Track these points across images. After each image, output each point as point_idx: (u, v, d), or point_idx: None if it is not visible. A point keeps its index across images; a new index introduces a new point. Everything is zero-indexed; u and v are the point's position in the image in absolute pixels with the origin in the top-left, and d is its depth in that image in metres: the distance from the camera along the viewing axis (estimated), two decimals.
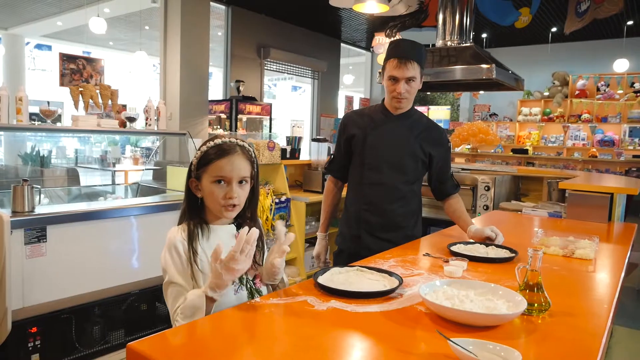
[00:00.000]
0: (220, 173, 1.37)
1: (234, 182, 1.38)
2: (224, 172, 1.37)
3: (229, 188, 1.38)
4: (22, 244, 2.39)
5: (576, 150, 8.72)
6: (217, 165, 1.38)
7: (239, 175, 1.39)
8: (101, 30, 6.58)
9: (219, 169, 1.37)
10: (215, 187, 1.38)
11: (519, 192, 4.39)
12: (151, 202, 3.07)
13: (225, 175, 1.37)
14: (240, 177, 1.40)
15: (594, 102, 8.54)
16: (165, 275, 1.36)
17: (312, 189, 4.41)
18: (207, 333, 1.14)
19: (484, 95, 9.79)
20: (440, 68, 3.92)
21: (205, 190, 1.40)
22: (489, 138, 8.59)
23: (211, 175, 1.38)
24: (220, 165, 1.37)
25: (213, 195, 1.38)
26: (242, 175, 1.40)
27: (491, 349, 0.97)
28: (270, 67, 8.53)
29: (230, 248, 1.34)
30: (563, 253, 1.90)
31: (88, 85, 3.10)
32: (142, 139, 9.75)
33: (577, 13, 4.49)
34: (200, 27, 6.59)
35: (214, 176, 1.38)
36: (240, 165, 1.40)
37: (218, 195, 1.38)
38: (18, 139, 5.76)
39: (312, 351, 1.02)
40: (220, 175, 1.37)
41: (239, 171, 1.39)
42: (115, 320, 2.90)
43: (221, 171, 1.37)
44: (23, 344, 2.48)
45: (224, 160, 1.38)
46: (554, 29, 8.19)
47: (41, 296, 2.50)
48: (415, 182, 2.20)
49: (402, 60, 2.01)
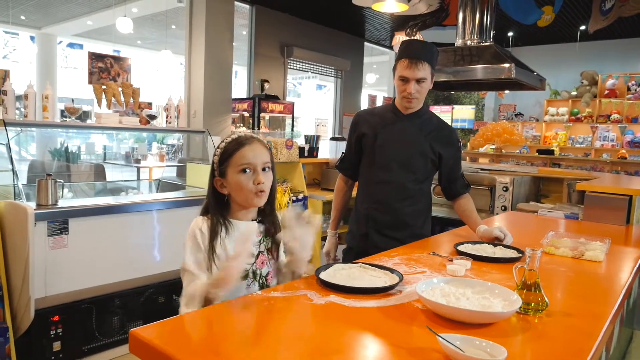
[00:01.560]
0: (244, 161, 1.42)
1: (259, 168, 1.43)
2: (248, 159, 1.42)
3: (255, 174, 1.43)
4: (46, 235, 2.49)
5: (605, 152, 8.51)
6: (240, 155, 1.42)
7: (262, 161, 1.44)
8: (128, 29, 6.74)
9: (242, 158, 1.42)
10: (242, 177, 1.42)
11: (539, 193, 4.33)
12: (169, 197, 3.15)
13: (250, 162, 1.42)
14: (263, 163, 1.44)
15: (624, 102, 8.32)
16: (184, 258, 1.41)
17: (329, 187, 4.44)
18: (208, 322, 1.18)
19: (509, 95, 9.64)
20: (460, 67, 3.90)
21: (231, 183, 1.43)
22: (513, 138, 8.47)
23: (236, 166, 1.42)
24: (243, 153, 1.42)
25: (241, 185, 1.42)
26: (264, 161, 1.45)
27: (477, 344, 0.99)
28: (294, 66, 8.58)
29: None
30: (572, 254, 1.89)
31: (111, 83, 3.20)
32: (168, 136, 9.94)
33: (602, 11, 4.40)
34: (224, 26, 6.68)
35: (239, 165, 1.42)
36: (262, 152, 1.45)
37: (247, 184, 1.42)
38: (47, 135, 5.95)
39: (302, 342, 1.06)
40: (245, 164, 1.42)
41: (262, 157, 1.44)
42: (134, 312, 2.99)
43: (245, 159, 1.42)
44: (45, 332, 2.59)
45: (245, 148, 1.43)
46: (582, 27, 8.01)
47: (63, 286, 2.60)
48: (424, 181, 2.21)
49: (413, 60, 2.02)
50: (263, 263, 1.50)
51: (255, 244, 1.49)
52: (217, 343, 1.06)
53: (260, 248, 1.50)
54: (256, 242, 1.49)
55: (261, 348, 1.03)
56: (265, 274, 1.50)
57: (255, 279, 1.47)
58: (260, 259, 1.49)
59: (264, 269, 1.50)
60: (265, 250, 1.52)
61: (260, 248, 1.50)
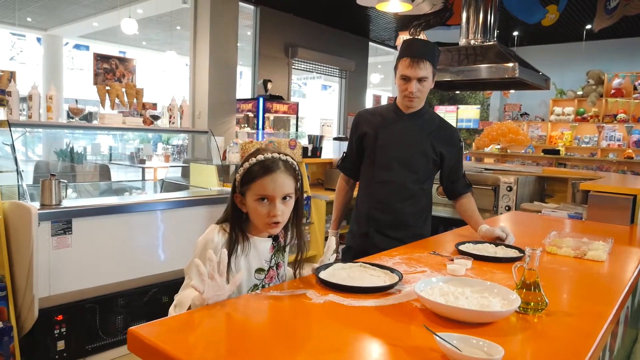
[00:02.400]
0: (263, 192, 1.36)
1: (277, 200, 1.37)
2: (267, 192, 1.36)
3: (272, 206, 1.37)
4: (49, 235, 2.51)
5: (611, 151, 8.45)
6: (260, 184, 1.36)
7: (282, 192, 1.38)
8: (132, 30, 6.77)
9: (262, 188, 1.36)
10: (259, 205, 1.37)
11: (543, 193, 4.31)
12: (173, 197, 3.16)
13: (268, 194, 1.36)
14: (283, 194, 1.38)
15: (630, 101, 8.26)
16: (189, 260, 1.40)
17: (333, 187, 4.43)
18: (206, 321, 1.18)
19: (514, 95, 9.60)
20: (463, 67, 3.89)
21: (249, 207, 1.40)
22: (519, 138, 8.43)
23: (255, 194, 1.37)
24: (264, 184, 1.36)
25: (257, 213, 1.38)
26: (285, 192, 1.38)
27: (474, 343, 0.98)
28: (298, 67, 8.59)
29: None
30: (575, 254, 1.88)
31: (115, 84, 3.22)
32: (173, 137, 9.98)
33: (607, 10, 4.37)
34: (229, 27, 6.69)
35: (257, 194, 1.37)
36: (284, 182, 1.38)
37: (262, 214, 1.37)
38: (52, 136, 5.99)
39: (300, 341, 1.06)
40: (263, 194, 1.36)
41: (282, 188, 1.37)
42: (138, 311, 3.00)
43: (264, 190, 1.36)
44: (49, 331, 2.61)
45: (267, 179, 1.36)
46: (588, 27, 7.96)
47: (67, 285, 2.62)
48: (425, 181, 2.20)
49: (415, 59, 2.01)
50: (272, 278, 1.49)
51: (267, 260, 1.47)
52: (216, 342, 1.07)
53: (270, 263, 1.48)
54: (268, 258, 1.48)
55: (260, 347, 1.03)
56: (269, 283, 1.50)
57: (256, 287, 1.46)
58: (270, 274, 1.48)
59: (272, 283, 1.49)
60: (275, 265, 1.50)
61: (270, 263, 1.48)
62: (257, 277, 1.45)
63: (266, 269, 1.47)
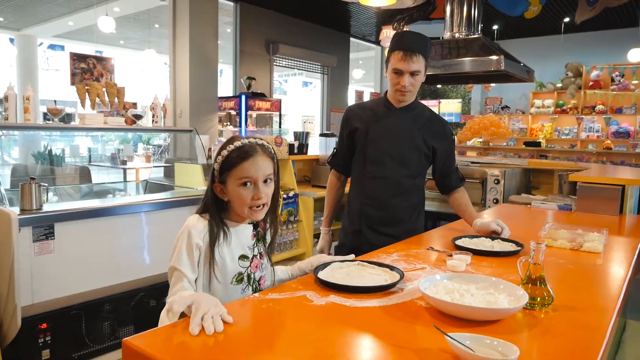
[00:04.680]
0: (246, 175, 1.37)
1: (260, 182, 1.38)
2: (249, 174, 1.37)
3: (256, 189, 1.38)
4: (31, 241, 2.41)
5: (590, 143, 8.57)
6: (242, 168, 1.37)
7: (264, 174, 1.39)
8: (110, 29, 6.63)
9: (244, 171, 1.37)
10: (243, 190, 1.37)
11: (530, 185, 4.34)
12: (157, 198, 3.08)
13: (251, 176, 1.37)
14: (265, 177, 1.40)
15: (608, 93, 8.39)
16: (172, 258, 1.36)
17: (320, 184, 4.40)
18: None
19: (495, 88, 9.67)
20: (448, 60, 3.88)
21: (232, 194, 1.39)
22: (500, 131, 8.50)
23: (237, 179, 1.37)
24: (245, 167, 1.37)
25: (241, 198, 1.38)
26: (266, 174, 1.40)
27: (488, 343, 0.95)
28: (280, 63, 8.52)
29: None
30: (571, 246, 1.87)
31: (94, 83, 3.12)
32: (154, 136, 9.83)
33: (588, 2, 4.40)
34: (209, 24, 6.59)
35: (240, 179, 1.37)
36: (264, 164, 1.39)
37: (246, 198, 1.37)
38: (29, 138, 5.82)
39: (308, 345, 1.01)
40: (246, 177, 1.37)
41: (264, 170, 1.39)
42: (125, 316, 2.92)
43: (247, 173, 1.37)
44: (33, 340, 2.51)
45: (247, 162, 1.37)
46: (566, 19, 8.05)
47: (50, 293, 2.53)
48: (418, 176, 2.17)
49: (407, 53, 1.97)
50: (257, 267, 1.47)
51: (250, 247, 1.46)
52: (216, 349, 1.01)
53: (254, 252, 1.47)
54: (251, 245, 1.46)
55: (262, 353, 0.99)
56: (258, 278, 1.48)
57: (249, 283, 1.44)
58: (255, 262, 1.46)
59: (257, 272, 1.47)
60: (259, 254, 1.48)
61: (254, 252, 1.47)
62: (241, 264, 1.42)
63: (250, 257, 1.45)
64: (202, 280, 1.37)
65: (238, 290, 1.41)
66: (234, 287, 1.40)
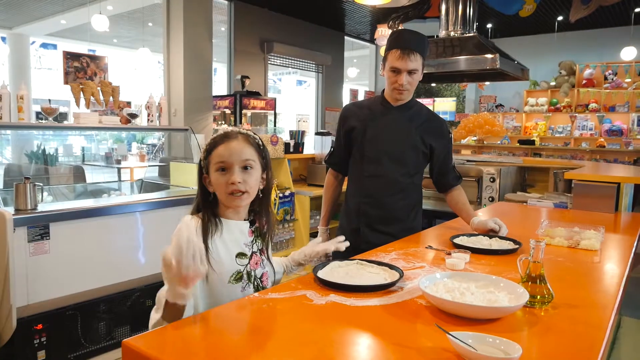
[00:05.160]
0: (220, 159, 1.36)
1: (236, 167, 1.36)
2: (223, 158, 1.35)
3: (229, 173, 1.35)
4: (26, 241, 2.39)
5: (584, 141, 8.63)
6: (217, 152, 1.36)
7: (240, 159, 1.36)
8: (104, 27, 6.58)
9: (218, 156, 1.36)
10: (220, 176, 1.36)
11: (525, 183, 4.35)
12: (153, 198, 3.06)
13: (225, 160, 1.35)
14: (242, 162, 1.36)
15: (601, 91, 8.44)
16: None
17: (316, 183, 4.40)
18: (204, 328, 1.12)
19: (489, 87, 9.70)
20: (443, 59, 3.88)
21: (213, 182, 1.38)
22: (495, 129, 8.53)
23: (214, 164, 1.37)
24: (219, 151, 1.36)
25: (218, 185, 1.36)
26: (243, 158, 1.36)
27: (491, 342, 0.95)
28: (274, 62, 8.50)
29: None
30: (568, 244, 1.88)
31: (89, 82, 3.09)
32: (148, 135, 9.77)
33: (583, 0, 4.42)
34: (203, 23, 6.57)
35: (216, 164, 1.36)
36: (241, 149, 1.37)
37: (222, 183, 1.35)
38: (23, 137, 5.78)
39: (309, 345, 1.01)
40: (220, 162, 1.36)
41: (239, 155, 1.36)
42: (121, 317, 2.91)
43: (221, 157, 1.36)
44: (29, 341, 2.49)
45: (222, 146, 1.36)
46: (560, 18, 8.08)
47: (46, 293, 2.50)
48: (415, 175, 2.17)
49: (405, 51, 1.97)
50: (257, 264, 1.44)
51: (248, 244, 1.44)
52: (217, 350, 1.01)
53: (253, 249, 1.44)
54: (249, 242, 1.44)
55: (264, 353, 0.98)
56: (259, 275, 1.45)
57: (250, 281, 1.41)
58: (254, 259, 1.44)
59: (258, 270, 1.45)
60: (259, 250, 1.46)
61: (253, 249, 1.44)
62: (239, 262, 1.40)
63: (248, 254, 1.42)
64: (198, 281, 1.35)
65: (237, 289, 1.38)
66: (232, 285, 1.37)
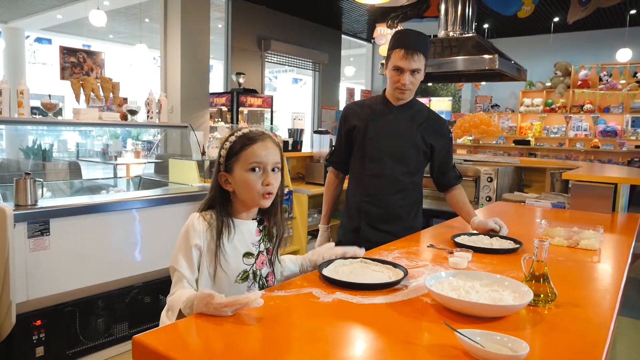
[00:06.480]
0: (255, 159, 1.33)
1: (269, 168, 1.35)
2: (259, 158, 1.33)
3: (265, 174, 1.34)
4: (26, 237, 2.39)
5: (578, 141, 8.68)
6: (251, 152, 1.34)
7: (274, 161, 1.36)
8: (101, 23, 6.55)
9: (253, 155, 1.33)
10: (251, 175, 1.34)
11: (521, 183, 4.38)
12: (153, 195, 3.06)
13: (261, 160, 1.34)
14: (274, 164, 1.36)
15: (596, 92, 8.49)
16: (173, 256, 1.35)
17: (314, 181, 4.41)
18: (213, 325, 1.13)
19: (485, 86, 9.74)
20: (442, 59, 3.90)
21: (238, 181, 1.35)
22: (490, 129, 8.58)
23: (245, 163, 1.34)
24: (254, 151, 1.33)
25: (248, 185, 1.34)
26: (275, 161, 1.37)
27: (498, 340, 0.97)
28: (271, 59, 8.49)
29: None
30: (567, 244, 1.90)
31: (89, 78, 3.08)
32: (143, 132, 9.73)
33: (581, 2, 4.45)
34: (200, 19, 6.54)
35: (249, 163, 1.34)
36: (274, 150, 1.37)
37: (255, 184, 1.33)
38: (20, 132, 5.74)
39: (318, 342, 1.02)
40: (255, 162, 1.33)
41: (273, 157, 1.36)
42: (119, 313, 2.91)
43: (256, 157, 1.33)
44: (27, 337, 2.49)
45: (257, 145, 1.34)
46: (556, 19, 8.12)
47: (45, 289, 2.51)
48: (416, 174, 2.19)
49: (409, 51, 1.98)
50: (263, 263, 1.45)
51: (255, 244, 1.44)
52: (227, 346, 1.02)
53: (260, 248, 1.44)
54: (256, 242, 1.44)
55: (274, 350, 0.99)
56: (265, 274, 1.45)
57: (255, 280, 1.42)
58: (260, 259, 1.44)
59: (264, 269, 1.45)
60: (265, 250, 1.46)
61: (260, 248, 1.44)
62: (246, 262, 1.40)
63: (255, 254, 1.42)
64: (205, 279, 1.35)
65: (244, 289, 1.38)
66: (239, 285, 1.38)
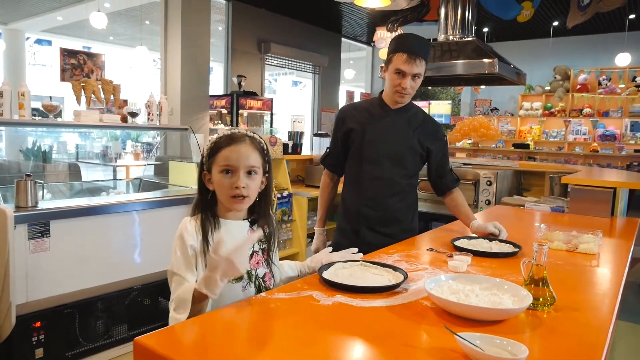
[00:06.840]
0: (226, 162, 1.35)
1: (241, 172, 1.35)
2: (230, 161, 1.35)
3: (235, 177, 1.35)
4: (26, 238, 2.39)
5: (577, 145, 8.70)
6: (224, 154, 1.35)
7: (247, 164, 1.36)
8: (102, 25, 6.56)
9: (225, 158, 1.35)
10: (223, 178, 1.35)
11: (521, 187, 4.39)
12: (154, 197, 3.06)
13: (232, 163, 1.35)
14: (248, 167, 1.36)
15: (595, 96, 8.52)
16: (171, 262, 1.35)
17: (314, 184, 4.41)
18: (214, 327, 1.14)
19: (485, 90, 9.76)
20: (442, 63, 3.91)
21: (215, 182, 1.37)
22: (490, 133, 8.59)
23: (219, 165, 1.36)
24: (226, 154, 1.35)
25: (221, 186, 1.36)
26: (249, 164, 1.36)
27: (498, 343, 0.97)
28: (271, 62, 8.50)
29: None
30: (566, 248, 1.91)
31: (90, 80, 3.09)
32: (143, 134, 9.73)
33: (580, 7, 4.48)
34: (200, 22, 6.56)
35: (221, 165, 1.35)
36: (248, 154, 1.37)
37: (225, 186, 1.35)
38: (20, 134, 5.75)
39: (318, 345, 1.03)
40: (227, 165, 1.35)
41: (246, 160, 1.36)
42: (119, 315, 2.91)
43: (228, 160, 1.35)
44: (27, 339, 2.49)
45: (230, 149, 1.35)
46: (555, 23, 8.15)
47: (45, 291, 2.51)
48: (413, 176, 2.21)
49: (412, 56, 1.99)
50: (258, 263, 1.45)
51: None
52: (228, 348, 1.02)
53: (254, 248, 1.44)
54: None
55: (274, 353, 1.00)
56: (261, 275, 1.45)
57: (250, 280, 1.41)
58: (255, 259, 1.44)
59: (260, 269, 1.44)
60: (260, 250, 1.46)
61: (254, 248, 1.44)
62: None
63: (248, 254, 1.41)
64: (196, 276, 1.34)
65: (238, 289, 1.38)
66: (232, 285, 1.37)
